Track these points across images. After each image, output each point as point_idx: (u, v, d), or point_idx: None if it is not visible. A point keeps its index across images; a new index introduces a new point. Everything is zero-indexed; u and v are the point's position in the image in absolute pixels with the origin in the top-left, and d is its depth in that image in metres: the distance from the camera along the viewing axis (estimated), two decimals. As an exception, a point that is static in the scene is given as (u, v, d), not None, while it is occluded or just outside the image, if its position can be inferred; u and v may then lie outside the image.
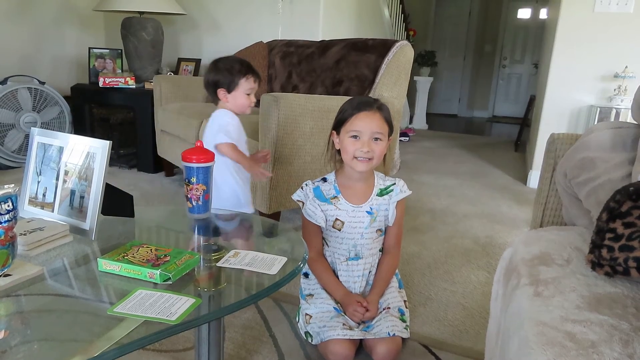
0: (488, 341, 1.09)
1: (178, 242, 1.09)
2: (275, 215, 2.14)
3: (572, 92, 3.18)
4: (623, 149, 1.04)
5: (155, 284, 0.78)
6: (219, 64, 1.59)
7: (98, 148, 0.96)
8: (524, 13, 7.90)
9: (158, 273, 0.77)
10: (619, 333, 0.66)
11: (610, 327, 0.67)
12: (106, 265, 0.81)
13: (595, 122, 3.05)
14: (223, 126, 1.57)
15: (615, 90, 3.02)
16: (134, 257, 0.82)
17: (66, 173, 0.99)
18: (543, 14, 7.57)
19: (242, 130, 1.67)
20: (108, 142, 0.96)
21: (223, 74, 1.57)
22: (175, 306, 0.70)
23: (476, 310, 1.60)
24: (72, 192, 0.98)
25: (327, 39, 2.84)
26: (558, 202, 1.24)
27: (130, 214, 1.07)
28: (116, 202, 1.05)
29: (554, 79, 3.21)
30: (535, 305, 0.77)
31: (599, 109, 3.05)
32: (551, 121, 3.27)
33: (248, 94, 1.60)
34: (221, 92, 1.59)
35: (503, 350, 0.81)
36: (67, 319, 0.73)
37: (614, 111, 3.00)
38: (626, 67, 2.97)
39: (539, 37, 7.23)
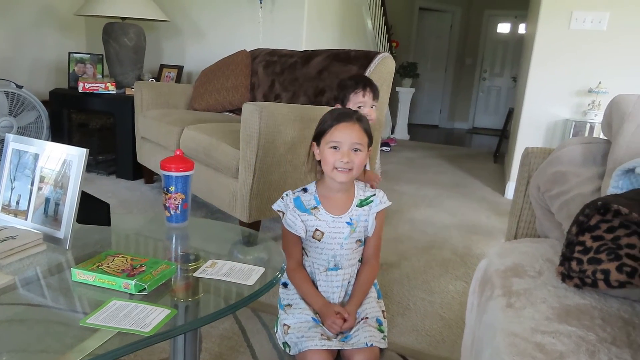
0: (463, 351, 1.10)
1: (155, 252, 1.08)
2: (256, 224, 2.13)
3: (548, 105, 3.26)
4: (593, 163, 1.08)
5: (131, 294, 0.77)
6: (339, 82, 1.77)
7: (75, 156, 0.95)
8: (504, 28, 8.09)
9: (133, 283, 0.77)
10: (586, 344, 0.68)
11: (578, 338, 0.69)
12: (80, 275, 0.80)
13: (570, 136, 3.13)
14: None
15: (589, 105, 3.12)
16: (109, 267, 0.81)
17: (41, 180, 0.98)
18: (522, 29, 7.77)
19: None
20: (85, 149, 0.95)
21: (338, 89, 1.75)
22: (150, 317, 0.70)
23: (453, 320, 1.62)
24: (47, 200, 0.97)
25: (310, 49, 2.87)
26: (532, 214, 1.27)
27: (107, 222, 1.06)
28: (92, 210, 1.04)
29: (531, 92, 3.29)
30: (507, 317, 0.79)
31: (573, 123, 3.13)
32: (528, 134, 3.35)
33: (359, 107, 1.67)
34: (337, 106, 1.71)
35: (477, 359, 0.82)
36: (38, 330, 0.71)
37: (588, 125, 3.09)
38: (600, 82, 3.06)
39: (517, 52, 7.41)
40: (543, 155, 1.22)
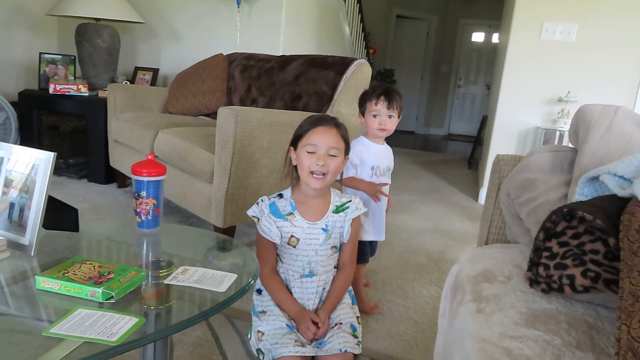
0: (436, 356, 1.12)
1: (125, 258, 1.06)
2: (231, 230, 2.11)
3: (520, 113, 3.34)
4: (561, 171, 1.11)
5: (99, 303, 0.76)
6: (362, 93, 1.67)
7: (42, 160, 0.93)
8: (478, 37, 8.28)
9: (100, 291, 0.75)
10: (552, 348, 0.69)
11: (544, 343, 0.71)
12: (44, 283, 0.78)
13: (541, 143, 3.22)
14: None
15: (559, 113, 3.21)
16: (75, 274, 0.79)
17: (7, 185, 0.95)
18: (495, 38, 7.96)
19: (373, 154, 1.63)
20: (52, 153, 0.92)
21: (360, 100, 1.65)
22: (117, 326, 0.68)
23: (427, 324, 1.64)
24: (12, 205, 0.94)
25: (287, 54, 2.87)
26: (502, 220, 1.29)
27: (75, 228, 1.03)
28: (59, 216, 1.01)
29: (503, 100, 3.37)
30: (477, 322, 0.80)
31: (544, 131, 3.22)
32: (501, 141, 3.42)
33: (374, 116, 1.59)
34: (361, 118, 1.65)
35: (447, 365, 0.83)
36: (1, 340, 0.69)
37: (557, 133, 3.18)
38: (569, 92, 3.16)
39: (491, 60, 7.58)
40: (513, 162, 1.25)
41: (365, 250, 1.68)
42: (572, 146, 1.19)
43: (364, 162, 1.61)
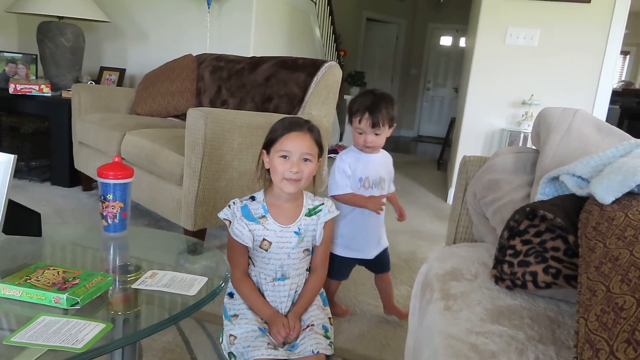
0: (406, 355, 1.13)
1: (91, 263, 1.03)
2: (201, 233, 2.09)
3: (486, 116, 3.44)
4: (524, 172, 1.15)
5: (65, 309, 0.73)
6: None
7: (1, 162, 0.89)
8: (446, 40, 8.46)
9: (65, 297, 0.73)
10: (516, 342, 0.72)
11: (509, 337, 0.73)
12: (5, 290, 0.75)
13: (506, 145, 3.32)
14: (334, 171, 1.52)
15: (523, 115, 3.31)
16: (38, 280, 0.76)
17: (-37, 189, 0.91)
18: (462, 42, 8.14)
19: (363, 165, 1.54)
20: (13, 156, 0.89)
21: (347, 108, 1.55)
22: (83, 332, 0.67)
23: (398, 323, 1.66)
24: (-31, 210, 0.90)
25: (258, 55, 2.86)
26: (470, 220, 1.32)
27: (37, 232, 1.00)
28: (21, 220, 0.98)
29: (470, 103, 3.46)
30: (445, 319, 0.82)
31: (509, 133, 3.32)
32: (468, 142, 3.50)
33: (360, 133, 1.48)
34: (349, 126, 1.57)
35: (417, 363, 0.85)
36: (-44, 351, 0.66)
37: (522, 135, 3.29)
38: (532, 95, 3.27)
39: (459, 64, 7.75)
40: (479, 163, 1.29)
41: (338, 267, 1.58)
42: (535, 148, 1.23)
43: (353, 173, 1.53)
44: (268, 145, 1.33)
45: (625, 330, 0.54)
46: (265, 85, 2.58)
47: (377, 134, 1.48)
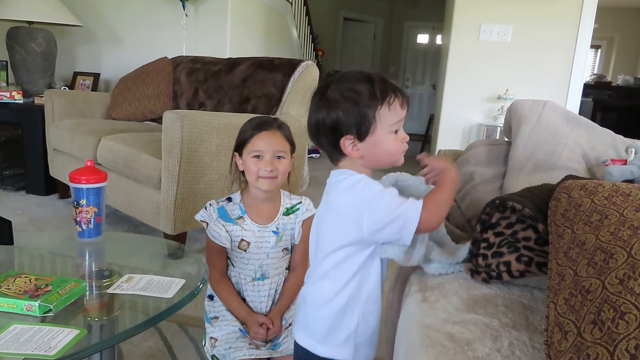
0: (386, 347, 1.14)
1: (64, 270, 1.01)
2: (182, 236, 2.07)
3: (463, 111, 3.48)
4: (496, 163, 1.17)
5: (38, 317, 0.72)
6: (332, 94, 0.85)
7: (-32, 170, 0.87)
8: (423, 38, 8.54)
9: (37, 305, 0.71)
10: (490, 330, 0.73)
11: (484, 325, 0.74)
12: (-26, 299, 0.73)
13: (483, 139, 3.36)
14: (369, 203, 0.82)
15: (498, 110, 3.37)
16: (9, 288, 0.75)
17: None
18: (439, 40, 8.23)
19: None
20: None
21: (343, 108, 0.84)
22: (56, 339, 0.66)
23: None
24: (-64, 220, 0.88)
25: (234, 57, 2.84)
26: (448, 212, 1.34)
27: (8, 241, 0.98)
28: (-9, 229, 0.96)
29: (448, 99, 3.50)
30: (422, 310, 0.83)
31: (486, 127, 3.37)
32: (447, 137, 3.55)
33: (396, 131, 0.85)
34: (347, 142, 0.85)
35: (396, 355, 0.86)
36: None
37: (499, 129, 3.34)
38: (507, 89, 3.32)
39: (436, 61, 7.83)
40: (454, 156, 1.30)
41: None
42: (507, 139, 1.26)
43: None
44: (239, 147, 1.32)
45: (591, 312, 0.56)
46: (242, 86, 2.57)
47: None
